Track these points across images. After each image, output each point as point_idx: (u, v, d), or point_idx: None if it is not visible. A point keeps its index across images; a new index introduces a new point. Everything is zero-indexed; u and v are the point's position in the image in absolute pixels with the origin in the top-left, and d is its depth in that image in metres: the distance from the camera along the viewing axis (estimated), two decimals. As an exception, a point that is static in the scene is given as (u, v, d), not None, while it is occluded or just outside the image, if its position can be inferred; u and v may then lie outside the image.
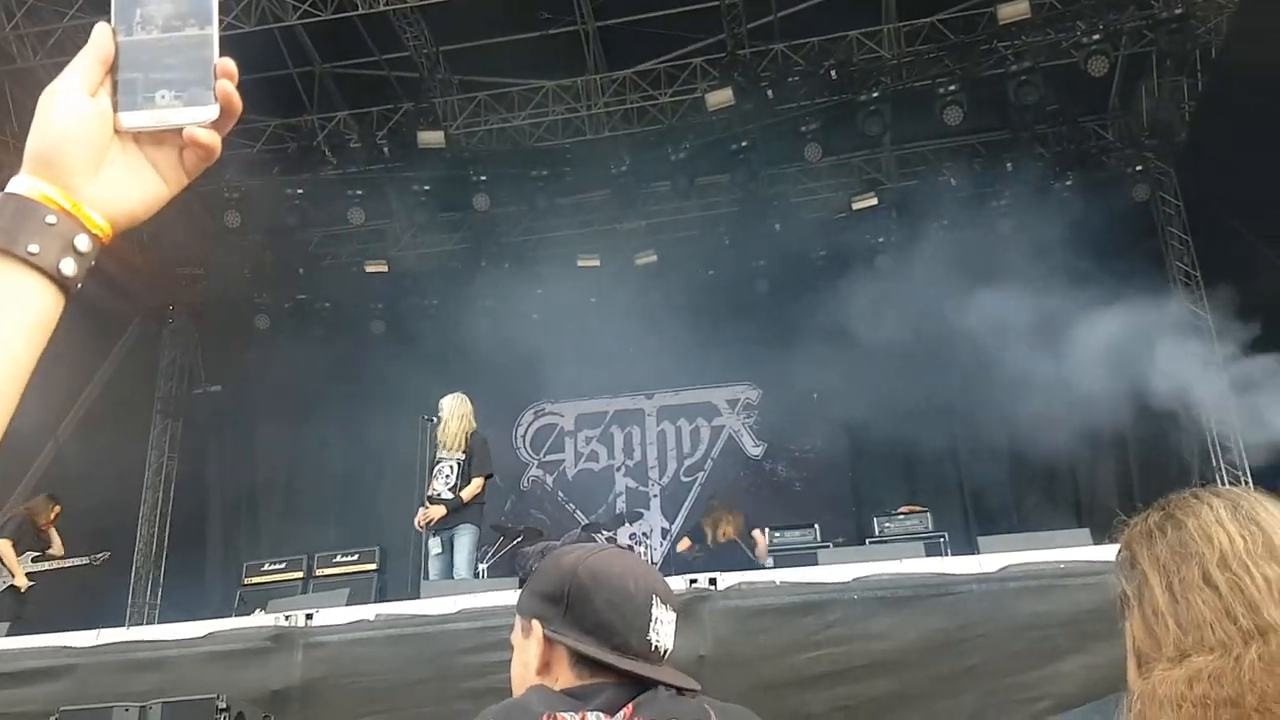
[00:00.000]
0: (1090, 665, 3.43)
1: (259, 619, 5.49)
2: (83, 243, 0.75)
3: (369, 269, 12.04)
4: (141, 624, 10.19)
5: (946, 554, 7.27)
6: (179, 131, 0.78)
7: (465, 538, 7.15)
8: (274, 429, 12.19)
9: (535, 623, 1.49)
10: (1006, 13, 9.36)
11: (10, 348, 0.71)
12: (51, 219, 0.74)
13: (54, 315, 0.74)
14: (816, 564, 5.36)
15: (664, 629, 1.43)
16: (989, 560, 4.25)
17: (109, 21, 0.79)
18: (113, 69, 0.78)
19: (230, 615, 7.11)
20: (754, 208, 11.45)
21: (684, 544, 9.24)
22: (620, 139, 11.08)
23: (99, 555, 8.41)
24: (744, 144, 10.57)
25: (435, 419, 7.56)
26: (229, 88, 0.78)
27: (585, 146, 11.08)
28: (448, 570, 7.08)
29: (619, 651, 1.42)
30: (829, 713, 3.88)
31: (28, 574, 8.03)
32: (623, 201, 11.48)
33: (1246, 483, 9.39)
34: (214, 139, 0.79)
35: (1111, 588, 1.25)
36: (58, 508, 8.48)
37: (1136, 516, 1.22)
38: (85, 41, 0.80)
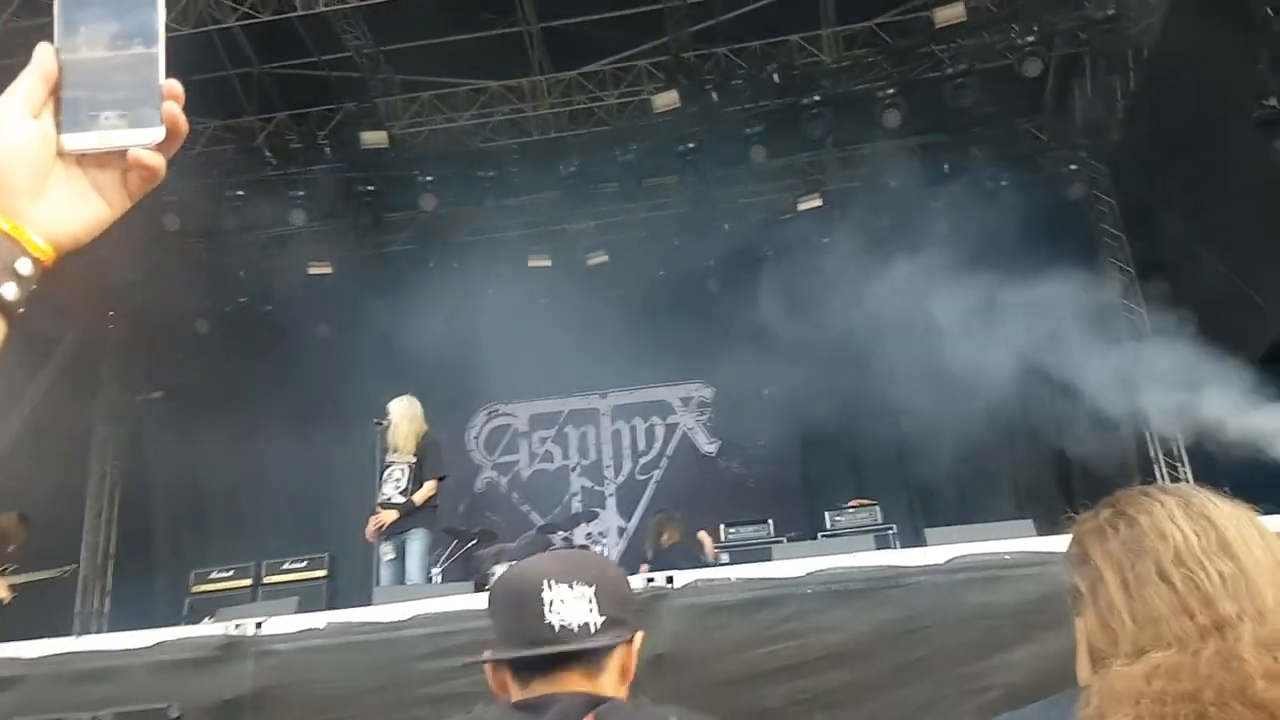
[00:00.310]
0: (1038, 655, 3.52)
1: (209, 628, 5.42)
2: (24, 266, 0.74)
3: (312, 271, 11.88)
4: (90, 633, 9.97)
5: (895, 546, 7.39)
6: (123, 154, 0.77)
7: (417, 542, 7.10)
8: (219, 435, 11.97)
9: (486, 650, 1.50)
10: (943, 16, 9.52)
11: None
12: None
13: None
14: (771, 559, 5.43)
15: (565, 607, 1.39)
16: (937, 552, 4.34)
17: (52, 40, 0.77)
18: (56, 88, 0.76)
19: (179, 624, 6.99)
20: (702, 208, 11.54)
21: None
22: (567, 140, 11.09)
23: (67, 568, 8.28)
24: (691, 146, 10.65)
25: (384, 422, 7.51)
26: (175, 110, 0.78)
27: (532, 147, 11.08)
28: (400, 576, 7.03)
29: (518, 643, 1.40)
30: (786, 706, 3.94)
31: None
32: (572, 202, 11.50)
33: (1185, 475, 9.68)
34: (159, 161, 0.78)
35: (1055, 578, 1.27)
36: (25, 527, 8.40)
37: (1085, 513, 1.24)
38: (20, 48, 0.78)
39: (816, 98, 10.18)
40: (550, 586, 1.40)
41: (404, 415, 7.38)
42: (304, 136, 10.90)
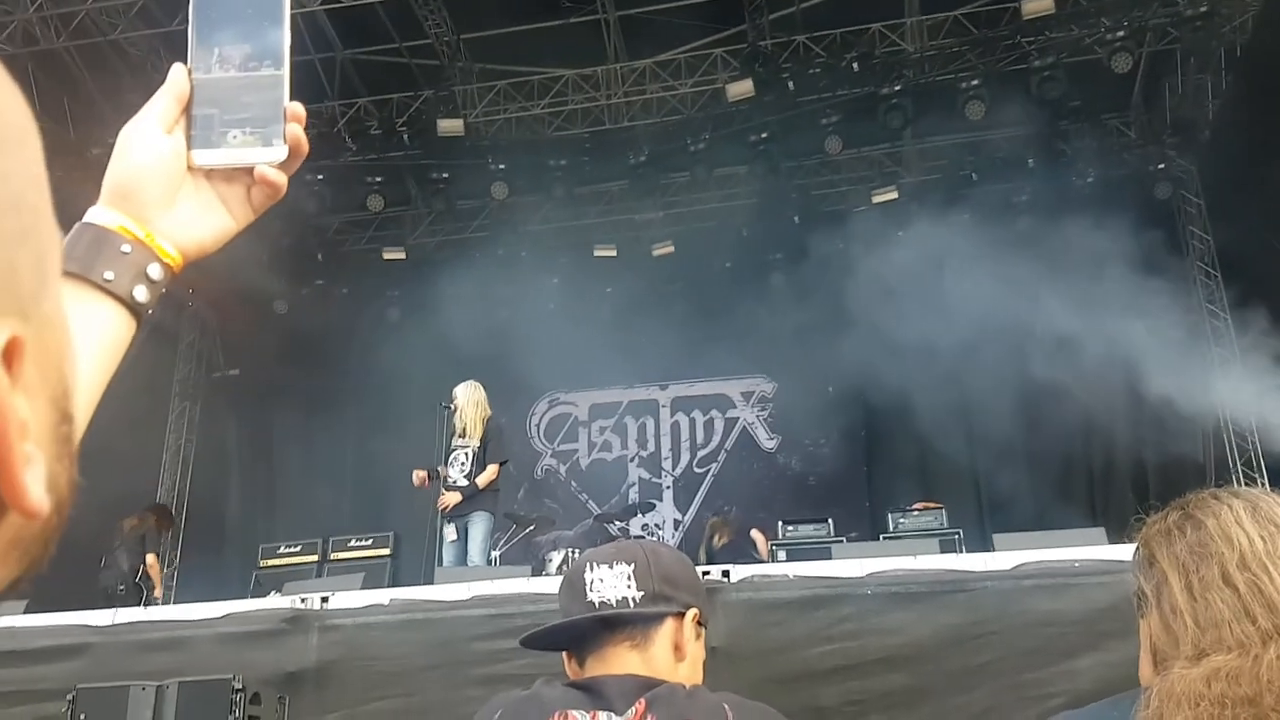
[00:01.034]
0: (1105, 663, 3.43)
1: (275, 601, 5.54)
2: (155, 271, 0.78)
3: (386, 256, 12.08)
4: (158, 604, 10.28)
5: (961, 551, 7.25)
6: (249, 170, 0.82)
7: (480, 525, 7.19)
8: (291, 413, 12.25)
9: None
10: (1031, 8, 9.29)
11: (85, 371, 0.72)
12: (126, 248, 0.77)
13: (126, 339, 0.78)
14: (830, 558, 5.36)
15: (604, 584, 1.44)
16: (1004, 558, 4.24)
17: (185, 61, 0.82)
18: (188, 107, 0.81)
19: (246, 597, 7.16)
20: (773, 200, 11.42)
21: None
22: (639, 129, 11.07)
23: None
24: (764, 135, 10.53)
25: (450, 406, 7.59)
26: (298, 131, 0.82)
27: (604, 136, 11.07)
28: (462, 557, 7.11)
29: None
30: (841, 706, 3.88)
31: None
32: (641, 191, 11.47)
33: (1263, 483, 9.31)
34: (282, 179, 0.83)
35: (1126, 587, 1.26)
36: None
37: (1154, 515, 1.22)
38: (108, 25, 0.81)
39: (897, 88, 9.99)
40: (593, 568, 1.47)
41: (469, 400, 7.46)
42: (383, 123, 11.04)
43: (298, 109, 0.82)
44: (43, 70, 9.63)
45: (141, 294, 0.77)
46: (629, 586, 1.45)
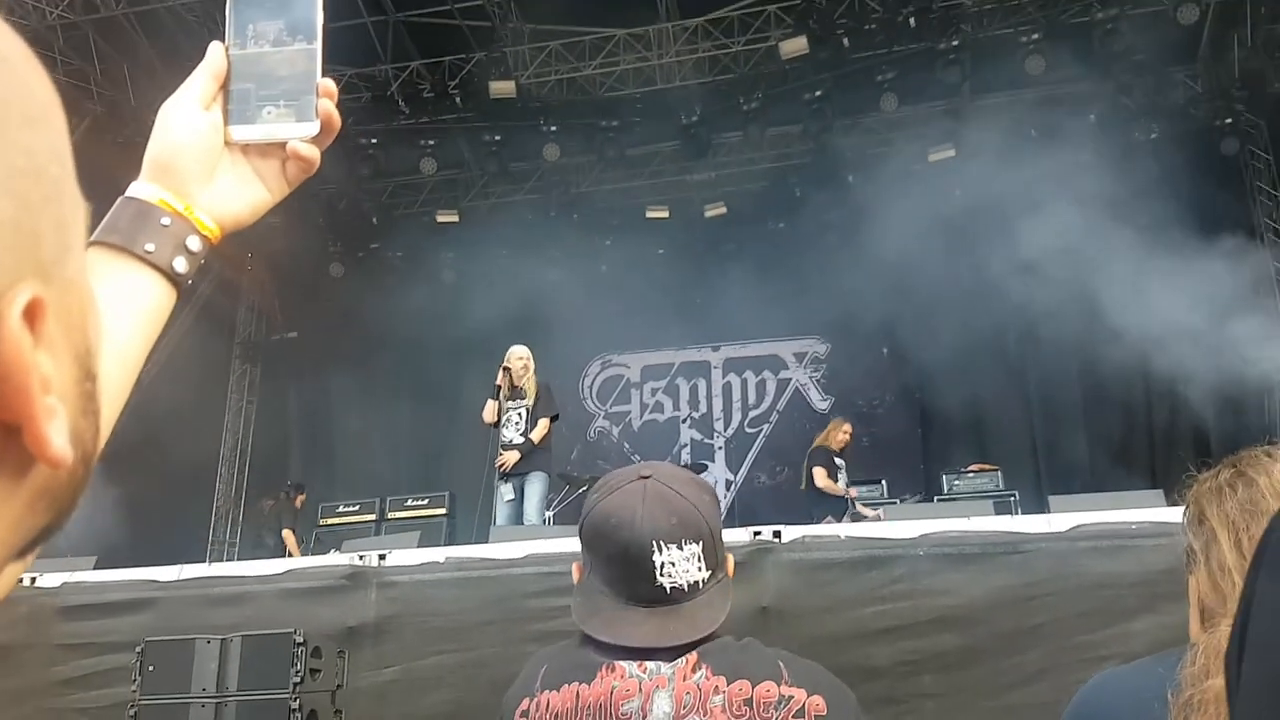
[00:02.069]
0: (1161, 625, 3.38)
1: (335, 558, 5.67)
2: (194, 243, 0.81)
3: (440, 219, 12.16)
4: (220, 561, 10.57)
5: (1017, 513, 7.18)
6: (283, 144, 0.84)
7: (536, 485, 7.28)
8: (348, 375, 12.45)
9: (575, 566, 1.51)
10: (1095, -43, 9.02)
11: (127, 338, 0.77)
12: (166, 221, 0.80)
13: (167, 308, 0.81)
14: (882, 520, 5.34)
15: (676, 569, 1.40)
16: (1059, 520, 4.20)
17: (223, 39, 0.85)
18: (225, 83, 0.84)
19: (306, 555, 7.33)
20: (826, 159, 11.26)
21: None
22: (691, 89, 10.95)
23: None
24: (818, 93, 10.38)
25: (505, 367, 7.66)
26: (330, 106, 0.84)
27: (656, 96, 10.98)
28: (517, 516, 7.21)
29: (633, 603, 1.41)
30: (893, 666, 3.89)
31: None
32: (693, 152, 11.38)
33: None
34: (314, 153, 0.85)
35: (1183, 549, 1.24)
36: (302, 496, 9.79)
37: (1206, 473, 1.21)
38: None
39: (955, 43, 9.77)
40: (661, 548, 1.41)
41: (520, 361, 7.53)
42: (435, 86, 11.06)
43: (329, 85, 0.84)
44: (103, 36, 9.79)
45: (181, 265, 0.80)
46: (699, 569, 1.41)
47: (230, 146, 0.84)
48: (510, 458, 7.26)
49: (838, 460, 8.57)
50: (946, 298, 9.96)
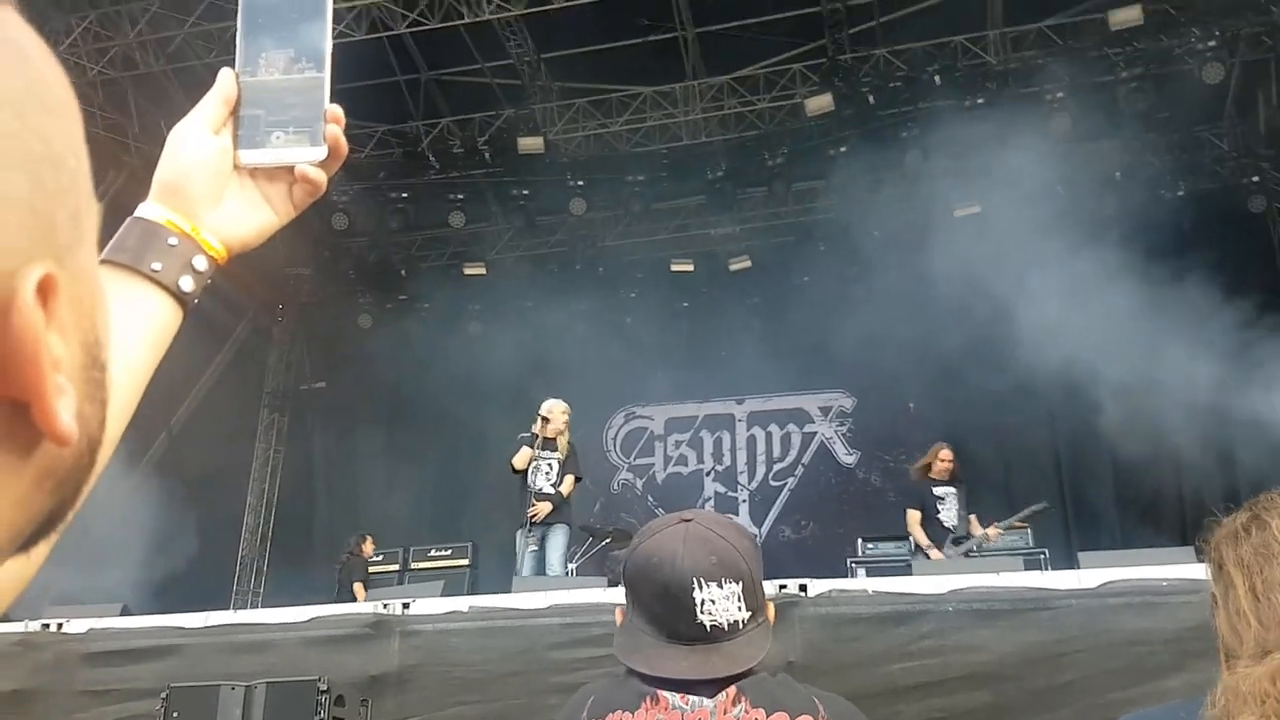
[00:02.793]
0: (1193, 684, 3.31)
1: (359, 606, 5.67)
2: (200, 263, 0.83)
3: (468, 271, 12.30)
4: (245, 609, 10.57)
5: (1046, 569, 7.09)
6: (291, 169, 0.86)
7: (559, 536, 7.31)
8: (374, 424, 12.54)
9: (618, 611, 1.54)
10: (1119, 19, 9.09)
11: (133, 356, 0.78)
12: (173, 241, 0.82)
13: (173, 327, 0.82)
14: (910, 575, 5.30)
15: (717, 606, 1.43)
16: (1089, 576, 4.15)
17: (233, 66, 0.87)
18: (235, 109, 0.86)
19: (331, 602, 7.32)
20: (851, 213, 11.32)
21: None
22: (717, 144, 11.09)
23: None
24: (843, 149, 10.48)
25: (541, 416, 7.67)
26: (337, 132, 0.86)
27: (681, 152, 11.13)
28: (540, 566, 7.20)
29: (675, 640, 1.44)
30: (920, 722, 3.83)
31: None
32: (718, 206, 11.49)
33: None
34: (322, 177, 0.87)
35: None
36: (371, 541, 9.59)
37: (1227, 517, 1.22)
38: (203, 49, 0.86)
39: (980, 100, 9.86)
40: (701, 586, 1.44)
41: (564, 417, 7.58)
42: (465, 142, 11.27)
43: (337, 111, 0.86)
44: (142, 93, 10.04)
45: (187, 284, 0.82)
46: (739, 609, 1.45)
47: (239, 170, 0.86)
48: (544, 508, 7.29)
49: (938, 491, 7.82)
50: (973, 353, 9.94)
